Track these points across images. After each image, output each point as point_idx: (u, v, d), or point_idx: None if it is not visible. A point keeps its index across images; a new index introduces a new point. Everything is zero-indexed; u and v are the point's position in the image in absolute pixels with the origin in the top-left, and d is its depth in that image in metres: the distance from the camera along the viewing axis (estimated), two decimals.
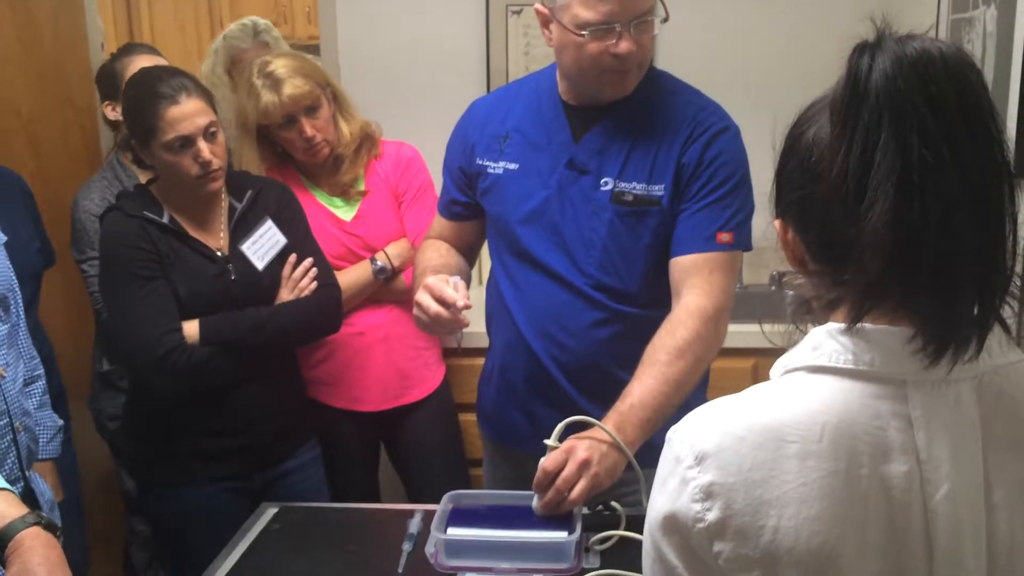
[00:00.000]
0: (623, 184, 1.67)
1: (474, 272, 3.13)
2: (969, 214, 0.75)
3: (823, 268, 0.84)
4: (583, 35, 1.57)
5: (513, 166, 1.75)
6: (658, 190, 1.67)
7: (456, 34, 2.98)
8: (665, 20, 1.62)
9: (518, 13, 3.05)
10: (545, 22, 1.66)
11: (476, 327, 2.74)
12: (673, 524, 0.82)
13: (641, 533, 1.50)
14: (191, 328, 1.91)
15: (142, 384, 1.97)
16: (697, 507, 0.80)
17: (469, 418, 2.65)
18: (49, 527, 1.23)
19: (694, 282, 1.64)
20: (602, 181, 1.68)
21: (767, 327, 0.95)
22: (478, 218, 1.88)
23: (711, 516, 0.79)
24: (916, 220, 0.74)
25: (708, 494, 0.80)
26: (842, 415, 0.79)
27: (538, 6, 1.66)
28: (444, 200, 1.93)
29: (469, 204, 1.87)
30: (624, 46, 1.57)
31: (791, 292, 0.92)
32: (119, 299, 1.92)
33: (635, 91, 1.68)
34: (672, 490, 0.83)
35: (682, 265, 1.66)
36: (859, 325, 0.80)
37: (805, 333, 0.86)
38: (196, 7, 5.03)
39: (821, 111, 0.84)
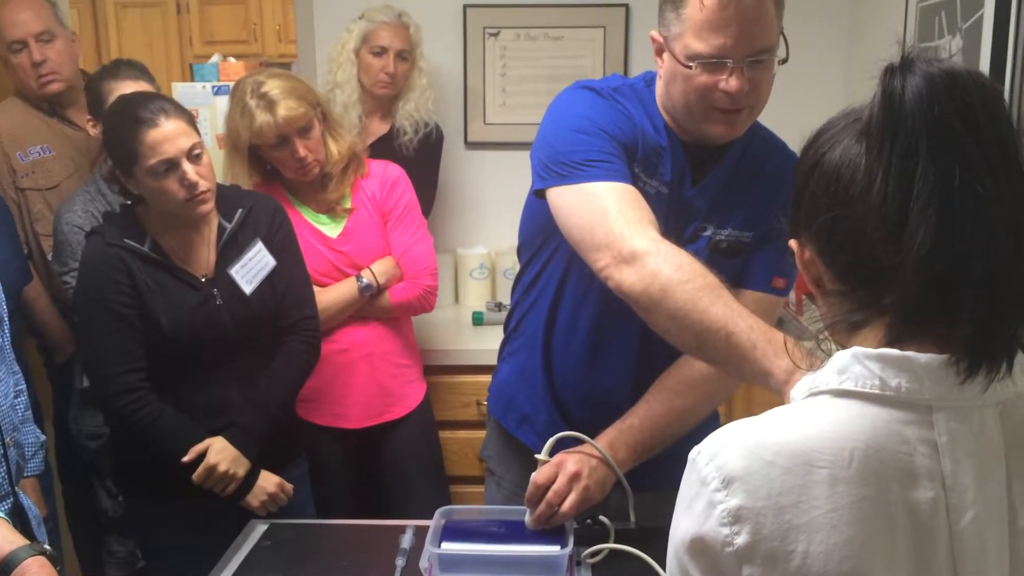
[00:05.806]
0: (721, 232, 1.64)
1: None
2: (1011, 240, 0.76)
3: (847, 289, 0.84)
4: (691, 67, 1.45)
5: (665, 190, 1.60)
6: (747, 236, 1.64)
7: (433, 55, 3.00)
8: (784, 61, 1.49)
9: (495, 35, 3.08)
10: (659, 50, 1.55)
11: (457, 344, 2.78)
12: (701, 547, 0.82)
13: (630, 546, 1.56)
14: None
15: None
16: (725, 531, 0.80)
17: (449, 435, 2.68)
18: (52, 559, 1.26)
19: None
20: (704, 227, 1.64)
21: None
22: None
23: (740, 540, 0.80)
24: (959, 248, 0.75)
25: (736, 518, 0.80)
26: (869, 440, 0.79)
27: (654, 33, 1.55)
28: (609, 167, 1.50)
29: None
30: (734, 84, 1.44)
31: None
32: (89, 329, 1.94)
33: (743, 135, 1.57)
34: (699, 512, 0.82)
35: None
36: (886, 350, 0.80)
37: (827, 353, 0.86)
38: (165, 25, 5.01)
39: (844, 131, 0.84)
